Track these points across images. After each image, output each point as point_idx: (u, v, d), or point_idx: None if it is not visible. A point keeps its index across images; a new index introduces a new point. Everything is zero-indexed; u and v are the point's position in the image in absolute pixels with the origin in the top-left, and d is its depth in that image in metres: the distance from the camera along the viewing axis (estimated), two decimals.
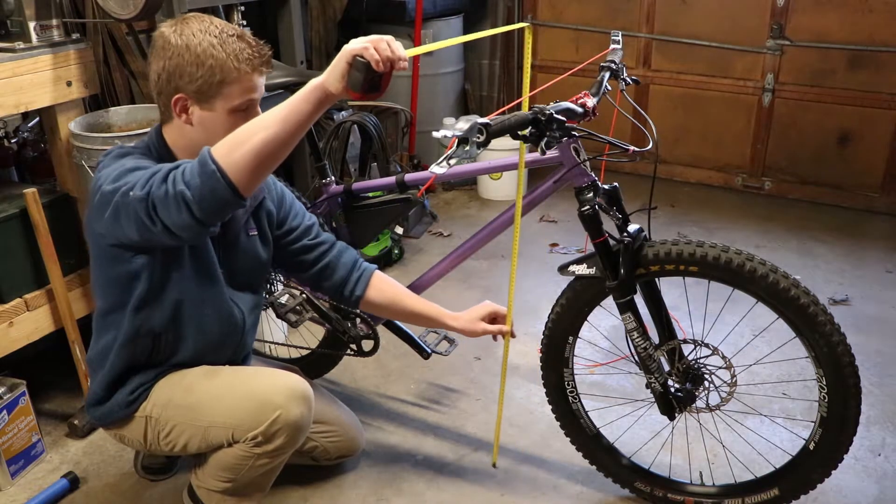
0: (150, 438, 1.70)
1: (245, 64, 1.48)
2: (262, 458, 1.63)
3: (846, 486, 1.99)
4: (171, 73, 1.48)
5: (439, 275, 2.04)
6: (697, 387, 1.78)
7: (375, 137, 3.26)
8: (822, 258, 3.34)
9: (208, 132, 1.52)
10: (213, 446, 1.65)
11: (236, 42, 1.48)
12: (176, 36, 1.48)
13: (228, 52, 1.47)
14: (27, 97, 2.03)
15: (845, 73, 3.72)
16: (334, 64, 1.29)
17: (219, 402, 1.62)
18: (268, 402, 1.59)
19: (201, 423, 1.63)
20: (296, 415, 1.59)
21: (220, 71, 1.47)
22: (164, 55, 1.48)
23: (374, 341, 2.15)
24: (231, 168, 1.27)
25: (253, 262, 1.75)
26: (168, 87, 1.50)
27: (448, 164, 1.32)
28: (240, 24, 2.84)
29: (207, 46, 1.46)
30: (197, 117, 1.52)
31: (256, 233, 1.75)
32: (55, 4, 2.15)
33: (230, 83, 1.49)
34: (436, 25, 4.11)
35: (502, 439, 2.19)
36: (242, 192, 1.29)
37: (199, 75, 1.47)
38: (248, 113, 1.52)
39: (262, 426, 1.57)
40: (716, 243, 1.65)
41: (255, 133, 1.27)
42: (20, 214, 2.04)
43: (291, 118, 1.28)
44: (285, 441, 1.61)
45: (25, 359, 2.20)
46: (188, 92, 1.49)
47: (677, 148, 4.25)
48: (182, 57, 1.47)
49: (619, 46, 1.93)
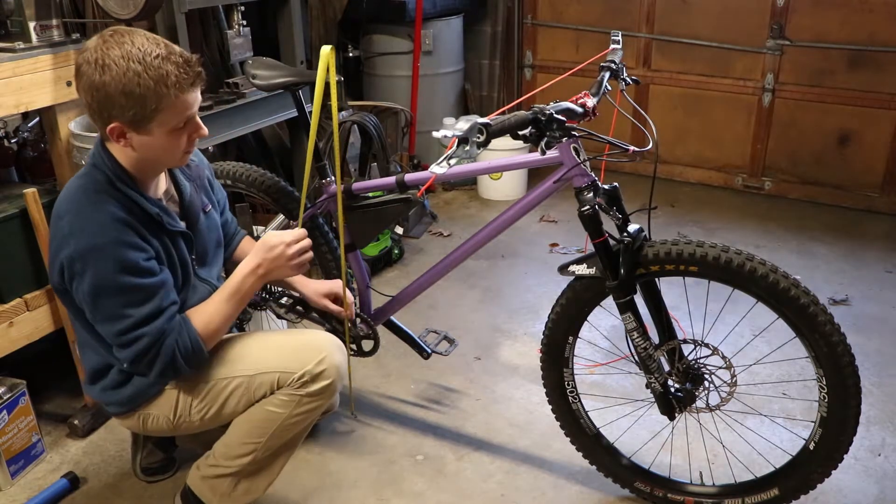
0: (181, 409, 1.68)
1: (174, 88, 1.43)
2: (303, 403, 1.65)
3: (846, 486, 1.99)
4: (101, 103, 1.43)
5: (438, 275, 2.04)
6: (697, 387, 1.78)
7: (375, 137, 3.26)
8: (822, 258, 3.34)
9: (152, 151, 1.51)
10: (253, 399, 1.66)
11: (162, 65, 1.42)
12: (98, 69, 1.40)
13: (156, 79, 1.41)
14: (27, 97, 2.03)
15: (845, 73, 3.72)
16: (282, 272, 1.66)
17: (265, 350, 1.69)
18: (314, 345, 1.68)
19: (247, 371, 1.66)
20: (338, 359, 1.69)
21: (151, 100, 1.42)
22: (89, 88, 1.42)
23: (374, 341, 2.15)
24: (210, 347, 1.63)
25: (215, 236, 1.81)
26: (101, 115, 1.45)
27: (448, 164, 1.32)
28: (240, 24, 2.84)
29: (133, 76, 1.40)
30: (136, 142, 1.48)
31: (210, 206, 1.79)
32: (55, 4, 2.15)
33: (163, 110, 1.44)
34: (436, 25, 4.11)
35: (502, 439, 2.19)
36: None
37: (129, 106, 1.42)
38: (187, 128, 1.52)
39: (310, 364, 1.64)
40: (716, 243, 1.64)
41: (225, 325, 1.63)
42: (20, 214, 2.04)
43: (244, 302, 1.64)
44: (327, 385, 1.65)
45: (25, 359, 2.20)
46: (122, 121, 1.45)
47: (677, 148, 4.26)
48: (108, 86, 1.40)
49: (619, 46, 1.93)
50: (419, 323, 2.71)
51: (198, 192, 1.75)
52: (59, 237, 1.49)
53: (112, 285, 1.47)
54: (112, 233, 1.47)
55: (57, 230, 1.51)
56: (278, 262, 1.63)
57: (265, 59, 2.13)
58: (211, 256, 1.79)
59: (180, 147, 1.53)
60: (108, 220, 1.48)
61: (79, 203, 1.50)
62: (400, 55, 4.10)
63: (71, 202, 1.51)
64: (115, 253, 1.46)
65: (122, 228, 1.49)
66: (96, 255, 1.46)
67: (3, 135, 2.64)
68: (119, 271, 1.46)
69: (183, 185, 1.71)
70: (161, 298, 1.52)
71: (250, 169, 2.20)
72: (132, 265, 1.48)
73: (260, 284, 1.64)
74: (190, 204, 1.70)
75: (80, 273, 1.47)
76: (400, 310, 2.13)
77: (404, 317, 2.26)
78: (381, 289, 2.80)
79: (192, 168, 1.75)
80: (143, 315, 1.49)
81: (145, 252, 1.51)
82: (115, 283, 1.47)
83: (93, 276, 1.46)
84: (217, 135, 2.70)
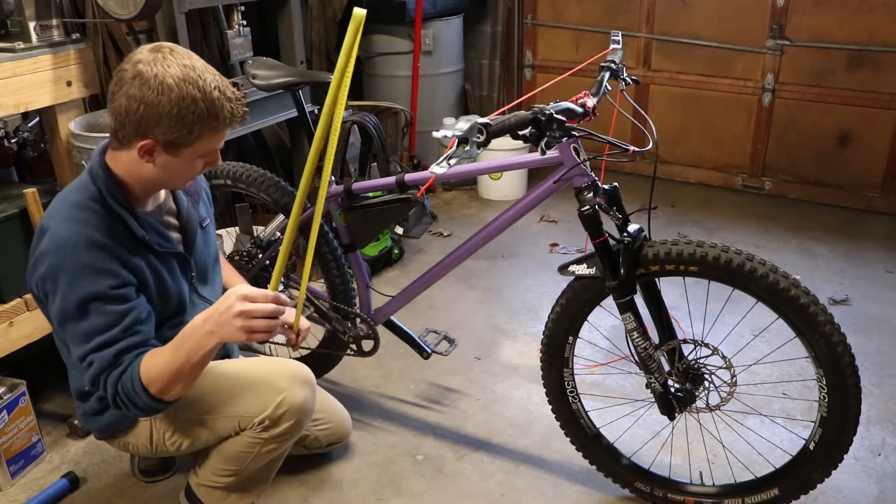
0: (156, 440, 1.70)
1: (223, 123, 1.43)
2: (269, 443, 1.65)
3: (846, 486, 1.99)
4: (144, 116, 1.38)
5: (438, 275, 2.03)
6: (697, 387, 1.78)
7: (375, 137, 3.26)
8: (822, 258, 3.34)
9: (168, 173, 1.49)
10: (220, 437, 1.67)
11: (219, 98, 1.41)
12: (156, 81, 1.37)
13: (211, 111, 1.40)
14: (27, 97, 2.03)
15: (845, 73, 3.72)
16: (228, 333, 1.39)
17: (224, 393, 1.65)
18: (272, 386, 1.62)
19: (208, 415, 1.65)
20: (300, 397, 1.63)
21: (199, 129, 1.41)
22: (138, 95, 1.37)
23: (374, 341, 2.15)
24: (169, 398, 1.47)
25: (213, 251, 1.78)
26: (137, 128, 1.41)
27: (448, 164, 1.32)
28: (240, 24, 2.84)
29: (190, 102, 1.37)
30: (161, 161, 1.46)
31: (208, 220, 1.77)
32: (55, 4, 2.15)
33: (204, 139, 1.44)
34: (436, 25, 4.11)
35: (502, 439, 2.19)
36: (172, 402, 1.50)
37: (175, 128, 1.39)
38: (209, 157, 1.50)
39: (269, 409, 1.61)
40: (716, 243, 1.64)
41: (179, 381, 1.45)
42: (20, 214, 2.04)
43: (202, 365, 1.46)
44: (292, 424, 1.64)
45: (25, 359, 2.20)
46: (158, 139, 1.41)
47: (677, 148, 4.25)
48: (161, 106, 1.37)
49: (619, 46, 1.93)
50: (419, 323, 2.71)
51: (195, 207, 1.72)
52: (38, 252, 1.47)
53: (76, 311, 1.43)
54: (85, 258, 1.43)
55: (38, 242, 1.48)
56: (224, 317, 1.38)
57: (265, 59, 2.13)
58: (210, 273, 1.77)
59: (195, 173, 1.53)
60: (84, 244, 1.43)
61: (62, 221, 1.46)
62: (400, 55, 4.10)
63: (55, 218, 1.47)
64: (84, 280, 1.42)
65: (97, 254, 1.44)
66: (66, 279, 1.43)
67: (3, 135, 2.64)
68: (84, 299, 1.43)
69: (180, 199, 1.68)
70: (122, 329, 1.45)
71: (250, 169, 2.20)
72: (99, 294, 1.43)
73: (209, 342, 1.41)
74: (188, 218, 1.68)
75: (51, 292, 1.45)
76: (400, 310, 2.13)
77: (404, 317, 2.26)
78: (381, 289, 2.81)
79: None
80: (99, 342, 1.44)
81: (118, 279, 1.46)
82: (80, 309, 1.43)
83: (60, 300, 1.44)
84: None
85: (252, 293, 1.38)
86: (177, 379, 1.44)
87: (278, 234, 2.29)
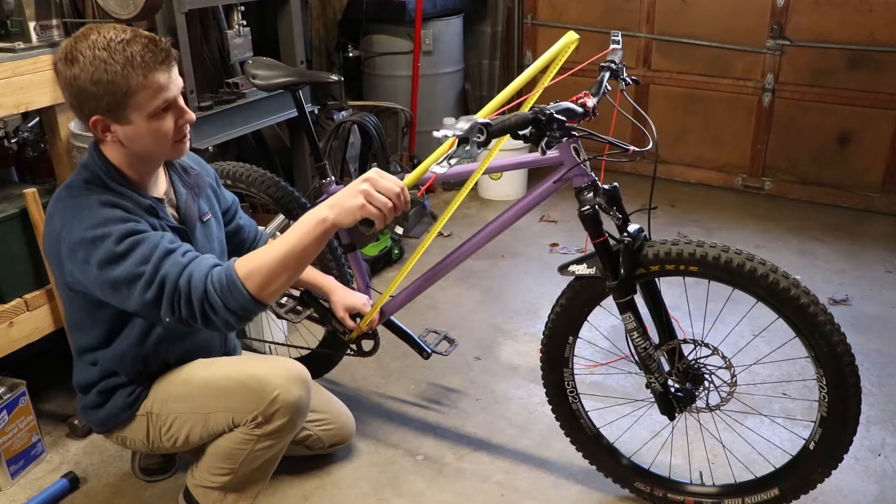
0: (153, 436, 1.71)
1: (140, 68, 1.42)
2: (262, 440, 1.65)
3: (846, 486, 1.99)
4: (77, 98, 1.45)
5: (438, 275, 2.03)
6: (697, 387, 1.78)
7: (375, 137, 3.26)
8: (822, 258, 3.34)
9: (139, 142, 1.50)
10: (214, 434, 1.67)
11: (127, 48, 1.41)
12: (67, 64, 1.42)
13: (122, 62, 1.41)
14: (27, 97, 2.03)
15: (845, 73, 3.72)
16: (346, 206, 1.33)
17: (218, 388, 1.66)
18: (266, 382, 1.62)
19: (202, 410, 1.66)
20: (294, 395, 1.63)
21: (120, 84, 1.41)
22: (65, 84, 1.45)
23: (374, 341, 2.15)
24: (265, 297, 1.40)
25: (216, 246, 1.77)
26: (81, 112, 1.47)
27: (448, 164, 1.32)
28: (240, 24, 2.84)
29: (99, 63, 1.40)
30: (122, 134, 1.48)
31: (210, 215, 1.77)
32: (55, 4, 2.15)
33: (135, 92, 1.42)
34: (436, 25, 4.11)
35: (502, 439, 2.19)
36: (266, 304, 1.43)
37: (101, 95, 1.42)
38: (169, 111, 1.49)
39: (262, 406, 1.61)
40: (716, 243, 1.64)
41: (281, 273, 1.39)
42: (20, 214, 2.04)
43: (308, 256, 1.40)
44: (285, 422, 1.64)
45: (25, 359, 2.20)
46: (100, 112, 1.45)
47: (677, 148, 4.25)
48: (79, 81, 1.42)
49: (618, 46, 1.93)
50: (419, 323, 2.71)
51: (195, 200, 1.71)
52: (55, 236, 1.49)
53: (115, 255, 1.42)
54: (101, 214, 1.45)
55: (51, 229, 1.51)
56: (349, 190, 1.35)
57: (265, 59, 2.13)
58: None
59: (168, 135, 1.50)
60: (96, 205, 1.46)
61: (65, 199, 1.50)
62: (400, 55, 4.10)
63: (58, 201, 1.51)
64: (109, 228, 1.44)
65: (111, 210, 1.46)
66: (92, 236, 1.44)
67: (3, 135, 2.64)
68: (118, 241, 1.43)
69: (179, 192, 1.68)
70: (168, 241, 1.46)
71: (250, 169, 2.20)
72: (128, 231, 1.44)
73: (319, 228, 1.36)
74: (186, 210, 1.68)
75: (84, 260, 1.45)
76: (400, 310, 2.13)
77: (404, 317, 2.26)
78: (381, 289, 2.80)
79: (190, 175, 1.72)
80: (157, 258, 1.42)
81: (138, 222, 1.48)
82: (118, 251, 1.42)
83: (97, 256, 1.43)
84: (217, 135, 2.70)
85: (385, 173, 1.37)
86: (280, 269, 1.38)
87: (278, 233, 2.30)
